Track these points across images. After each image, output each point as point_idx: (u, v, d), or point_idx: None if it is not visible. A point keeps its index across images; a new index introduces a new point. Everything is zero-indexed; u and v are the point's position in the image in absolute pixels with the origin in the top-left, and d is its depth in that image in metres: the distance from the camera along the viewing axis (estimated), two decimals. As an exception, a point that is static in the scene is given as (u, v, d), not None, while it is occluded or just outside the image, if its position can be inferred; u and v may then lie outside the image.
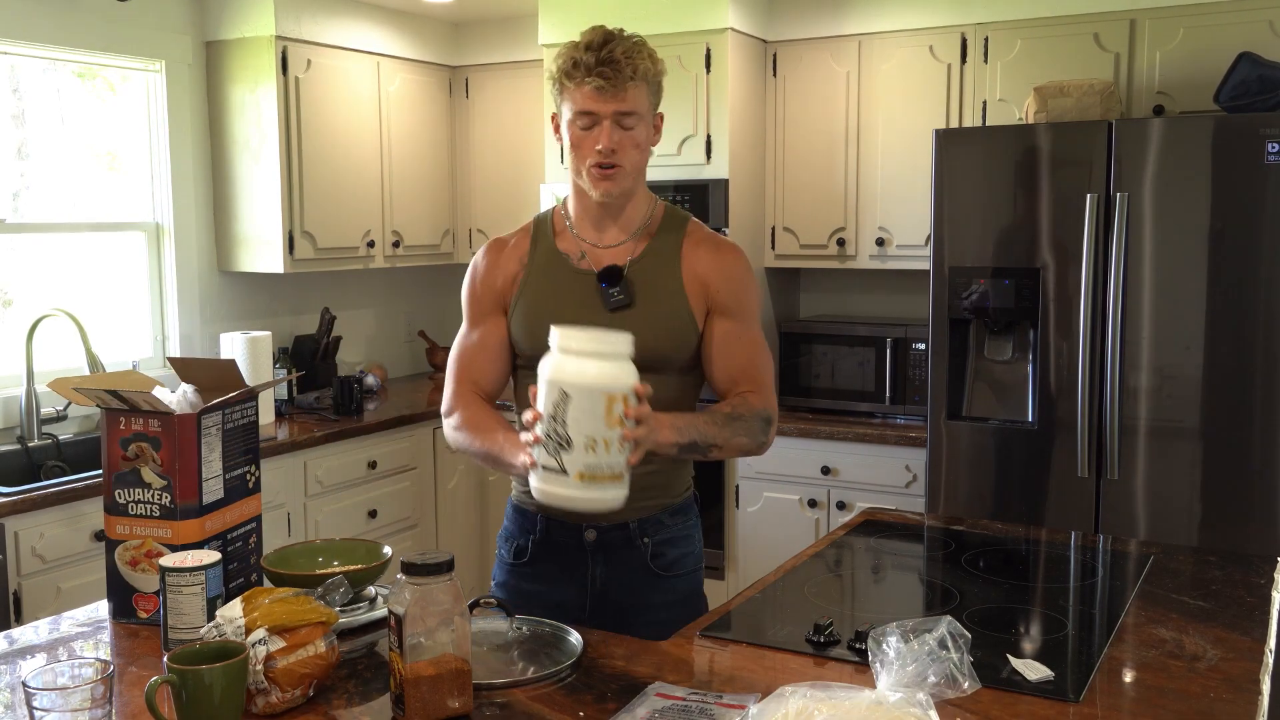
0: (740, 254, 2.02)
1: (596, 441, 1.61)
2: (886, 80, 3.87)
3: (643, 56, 1.91)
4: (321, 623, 1.52)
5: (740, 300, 1.98)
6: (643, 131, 1.91)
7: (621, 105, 1.87)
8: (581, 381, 1.61)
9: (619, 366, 1.63)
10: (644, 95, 1.90)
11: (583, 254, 1.98)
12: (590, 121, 1.88)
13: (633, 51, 1.90)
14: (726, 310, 1.97)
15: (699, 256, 1.97)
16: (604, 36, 1.93)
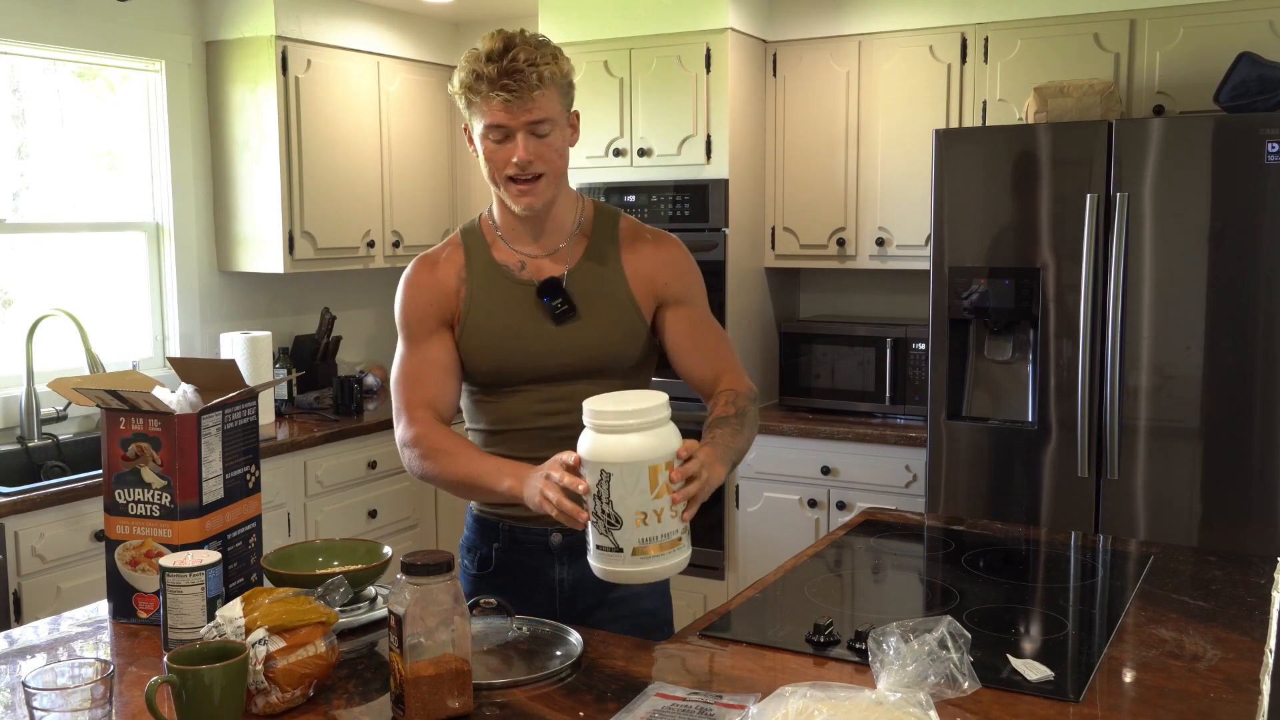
0: (678, 241, 2.00)
1: (647, 514, 1.58)
2: (886, 80, 3.87)
3: (547, 60, 1.81)
4: (321, 623, 1.52)
5: (688, 287, 1.97)
6: (558, 136, 1.85)
7: (532, 115, 1.79)
8: (619, 458, 1.57)
9: (656, 434, 1.59)
10: (555, 100, 1.83)
11: (522, 264, 1.93)
12: (502, 135, 1.81)
13: (536, 57, 1.79)
14: (678, 299, 1.95)
15: (639, 253, 1.95)
16: (504, 43, 1.81)
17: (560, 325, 1.89)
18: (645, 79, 3.97)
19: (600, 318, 1.91)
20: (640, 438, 1.58)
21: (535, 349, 1.90)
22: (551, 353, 1.90)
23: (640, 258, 1.95)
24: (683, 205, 3.91)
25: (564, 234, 1.94)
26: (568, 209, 1.95)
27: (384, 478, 4.00)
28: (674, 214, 3.93)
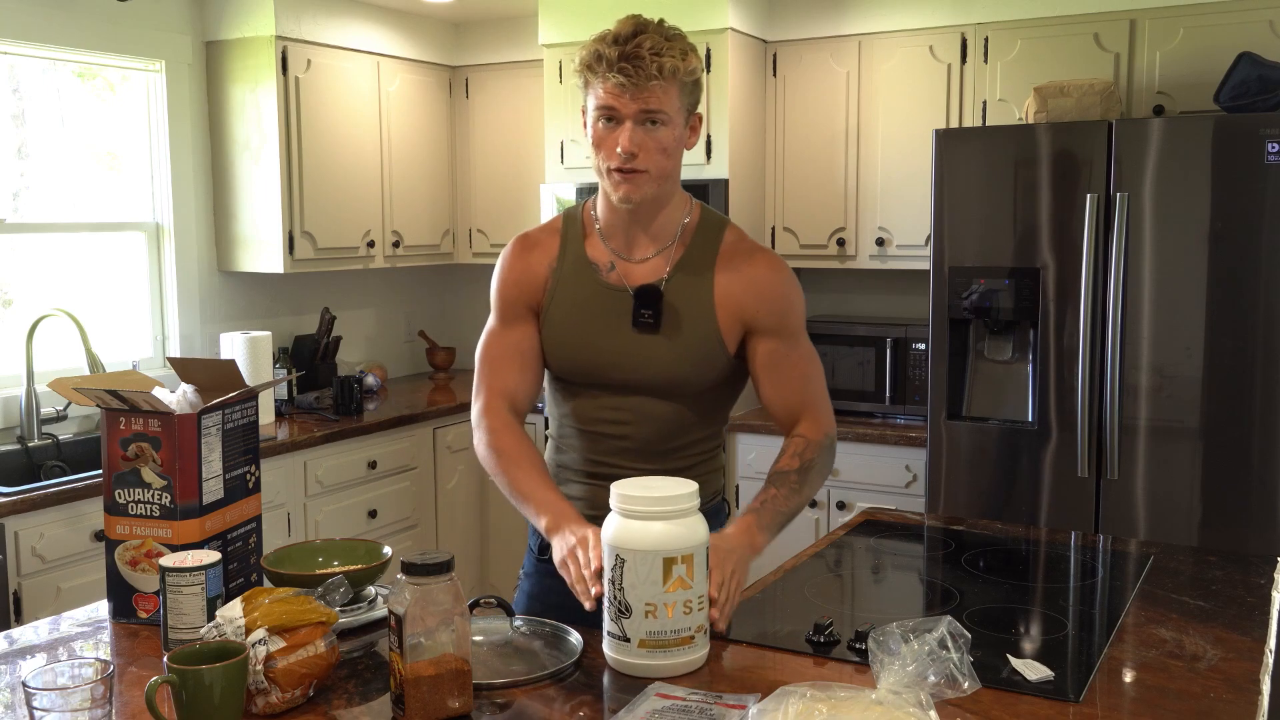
0: (778, 265, 1.89)
1: (656, 607, 1.56)
2: (886, 80, 3.87)
3: (673, 54, 1.73)
4: (321, 623, 1.52)
5: (781, 317, 1.86)
6: (669, 134, 1.77)
7: (645, 105, 1.73)
8: (634, 545, 1.56)
9: (678, 525, 1.57)
10: (673, 95, 1.76)
11: (612, 265, 1.87)
12: (610, 119, 1.76)
13: (661, 48, 1.72)
14: (768, 330, 1.85)
15: (734, 272, 1.85)
16: (633, 28, 1.74)
17: (640, 332, 1.83)
18: (645, 79, 3.96)
19: (679, 338, 1.83)
20: (662, 526, 1.56)
21: (606, 356, 1.86)
22: (621, 364, 1.86)
23: (733, 278, 1.85)
24: (683, 205, 3.91)
25: (664, 239, 1.87)
26: (674, 214, 1.88)
27: (384, 478, 4.00)
28: (674, 214, 3.93)
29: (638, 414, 1.83)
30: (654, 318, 1.82)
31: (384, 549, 1.94)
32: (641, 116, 1.75)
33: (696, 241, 1.87)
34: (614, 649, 1.60)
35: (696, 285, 1.84)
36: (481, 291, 5.22)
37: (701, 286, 1.84)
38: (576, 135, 4.10)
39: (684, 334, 1.83)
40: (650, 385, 1.86)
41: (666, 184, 1.82)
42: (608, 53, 1.74)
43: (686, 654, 1.59)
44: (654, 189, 1.80)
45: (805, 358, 1.91)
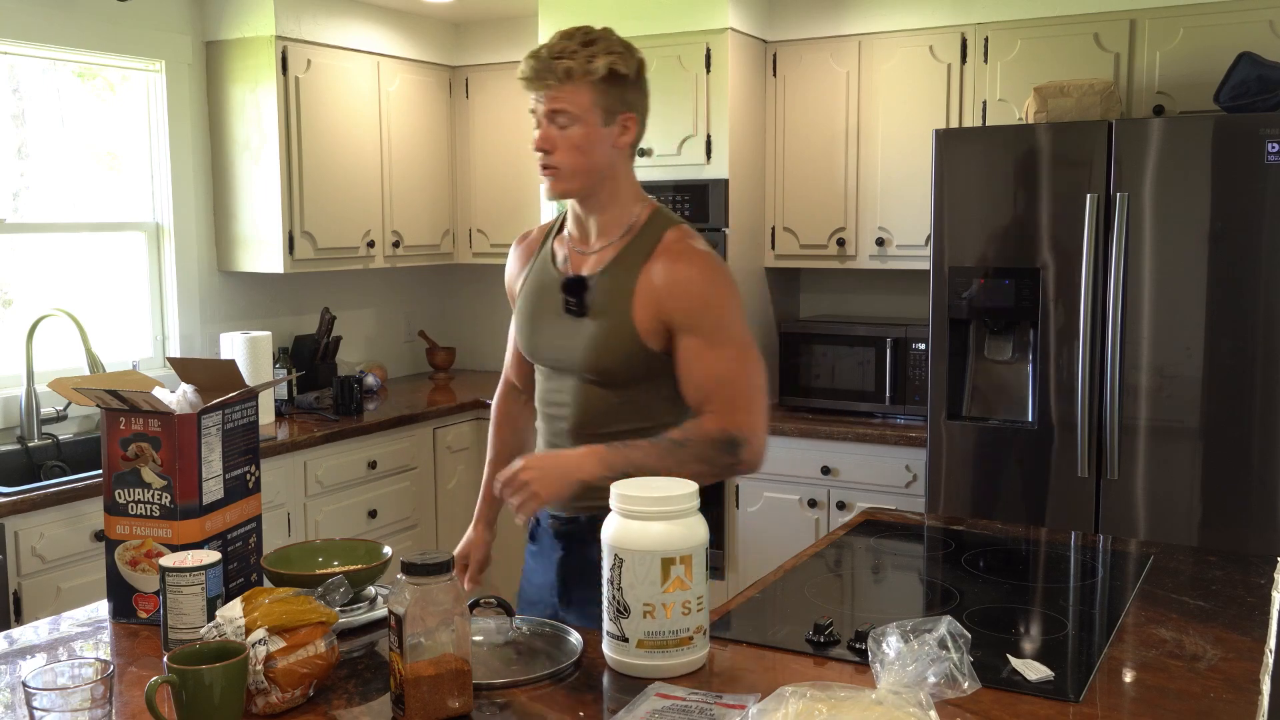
0: (703, 267, 1.91)
1: (654, 608, 1.56)
2: (886, 80, 3.87)
3: (578, 58, 1.85)
4: (321, 623, 1.52)
5: (696, 316, 1.89)
6: (579, 132, 1.88)
7: (553, 104, 1.88)
8: (632, 545, 1.56)
9: (677, 525, 1.57)
10: (583, 94, 1.87)
11: (566, 257, 2.02)
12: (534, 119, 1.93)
13: (565, 51, 1.86)
14: (684, 328, 1.90)
15: (656, 272, 1.90)
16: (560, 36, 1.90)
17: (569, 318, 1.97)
18: (645, 79, 3.97)
19: (600, 327, 1.93)
20: (660, 526, 1.56)
21: (543, 337, 2.02)
22: (553, 346, 2.01)
23: (654, 276, 1.91)
24: (683, 205, 3.91)
25: (610, 236, 1.98)
26: (622, 212, 1.98)
27: (384, 478, 4.00)
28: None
29: (573, 396, 1.97)
30: (578, 305, 1.94)
31: (384, 549, 1.94)
32: (550, 115, 1.89)
33: (637, 240, 1.96)
34: (613, 649, 1.60)
35: (622, 280, 1.93)
36: (481, 291, 5.23)
37: (626, 282, 1.92)
38: (576, 135, 4.10)
39: (605, 325, 1.93)
40: (577, 369, 1.97)
41: (592, 179, 1.93)
42: (525, 63, 1.91)
43: (686, 654, 1.59)
44: (572, 185, 1.93)
45: (723, 357, 1.90)
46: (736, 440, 1.89)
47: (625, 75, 1.90)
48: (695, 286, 1.90)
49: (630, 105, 1.93)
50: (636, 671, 1.58)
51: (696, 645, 1.60)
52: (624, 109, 1.93)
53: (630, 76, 1.92)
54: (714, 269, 1.93)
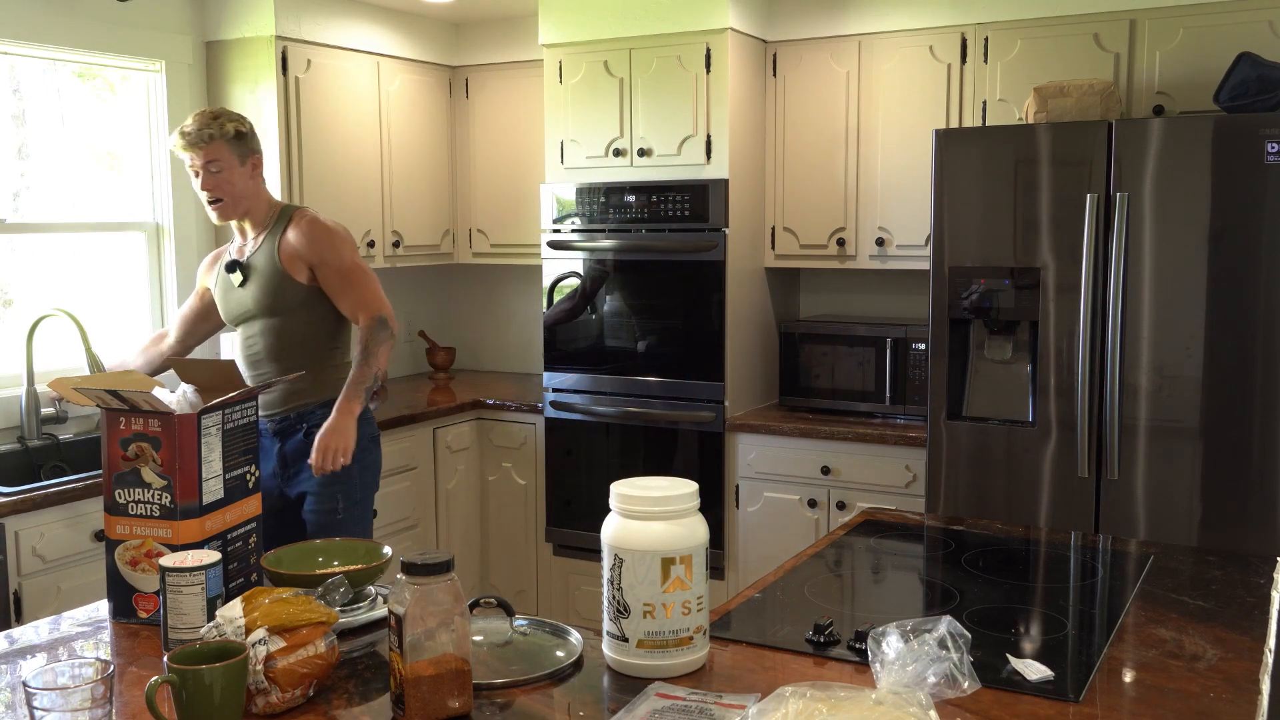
0: (315, 222, 3.00)
1: (654, 608, 1.56)
2: (886, 80, 3.87)
3: (212, 127, 2.87)
4: (321, 623, 1.52)
5: (322, 252, 2.97)
6: (230, 174, 2.90)
7: (206, 157, 2.88)
8: (632, 545, 1.56)
9: (677, 525, 1.58)
10: (223, 150, 2.88)
11: (230, 251, 3.08)
12: (195, 172, 2.91)
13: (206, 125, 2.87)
14: (320, 263, 2.96)
15: (290, 239, 2.97)
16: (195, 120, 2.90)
17: (240, 288, 3.01)
18: (645, 79, 3.97)
19: (260, 284, 2.98)
20: (660, 526, 1.56)
21: (230, 300, 3.05)
22: (236, 303, 3.03)
23: (289, 243, 2.96)
24: (683, 205, 3.91)
25: (258, 234, 3.02)
26: (259, 219, 3.02)
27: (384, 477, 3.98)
28: (674, 214, 3.93)
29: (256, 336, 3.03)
30: (242, 275, 3.00)
31: (384, 549, 1.94)
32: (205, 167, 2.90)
33: (274, 226, 3.01)
34: (613, 649, 1.60)
35: (268, 250, 2.99)
36: (482, 292, 5.24)
37: (271, 250, 2.98)
38: (577, 135, 4.10)
39: (263, 281, 2.98)
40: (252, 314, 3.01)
41: (244, 201, 2.97)
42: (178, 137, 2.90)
43: (685, 654, 1.59)
44: (237, 209, 2.97)
45: (345, 272, 2.99)
46: (382, 320, 2.98)
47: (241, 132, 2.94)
48: (314, 234, 2.97)
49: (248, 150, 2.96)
50: (636, 671, 1.58)
51: (696, 645, 1.60)
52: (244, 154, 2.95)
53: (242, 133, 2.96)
54: (320, 223, 3.01)
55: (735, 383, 3.97)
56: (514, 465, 4.37)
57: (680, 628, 1.58)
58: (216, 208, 2.93)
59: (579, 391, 4.16)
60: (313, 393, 3.03)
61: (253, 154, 2.97)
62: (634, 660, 1.58)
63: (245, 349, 3.06)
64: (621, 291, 4.07)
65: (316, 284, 2.99)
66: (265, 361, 3.04)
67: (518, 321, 5.07)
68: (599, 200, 4.05)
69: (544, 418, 4.24)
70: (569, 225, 4.13)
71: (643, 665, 1.58)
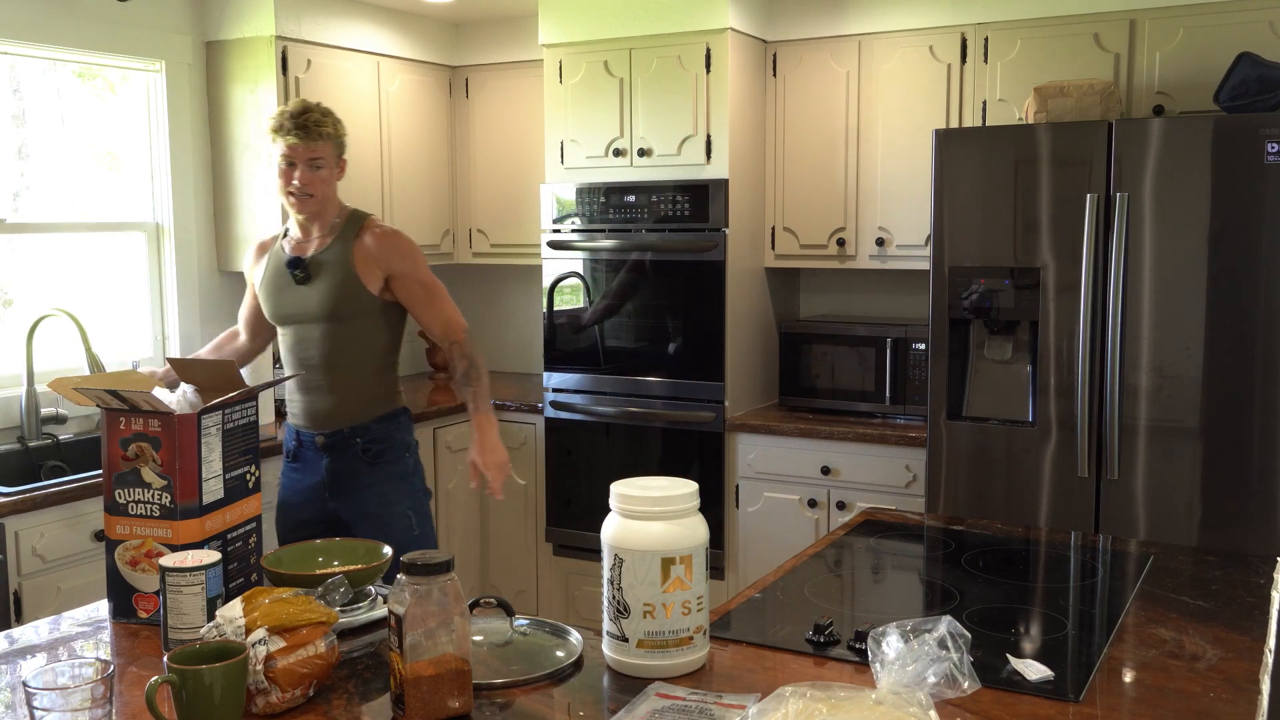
0: (397, 233, 2.87)
1: (654, 608, 1.56)
2: (886, 80, 3.87)
3: (327, 124, 2.77)
4: (321, 623, 1.52)
5: (405, 264, 2.83)
6: (327, 172, 2.77)
7: (312, 154, 2.74)
8: (632, 545, 1.56)
9: (677, 525, 1.58)
10: (329, 149, 2.77)
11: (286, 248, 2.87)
12: (289, 163, 2.75)
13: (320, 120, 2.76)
14: (401, 274, 2.82)
15: (368, 243, 2.81)
16: (302, 107, 2.76)
17: (299, 286, 2.81)
18: (645, 79, 3.97)
19: (327, 285, 2.78)
20: (660, 526, 1.56)
21: (287, 300, 2.84)
22: (294, 303, 2.82)
23: (366, 248, 2.80)
24: (683, 205, 3.91)
25: (323, 233, 2.84)
26: (329, 218, 2.85)
27: (384, 478, 3.99)
28: (674, 214, 3.93)
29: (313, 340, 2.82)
30: (304, 274, 2.80)
31: (384, 549, 1.94)
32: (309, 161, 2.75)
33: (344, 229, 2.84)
34: (613, 649, 1.60)
35: (341, 252, 2.81)
36: (482, 291, 5.23)
37: (345, 252, 2.81)
38: (577, 135, 4.10)
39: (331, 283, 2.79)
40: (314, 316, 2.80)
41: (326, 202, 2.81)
42: (285, 122, 2.74)
43: (686, 654, 1.59)
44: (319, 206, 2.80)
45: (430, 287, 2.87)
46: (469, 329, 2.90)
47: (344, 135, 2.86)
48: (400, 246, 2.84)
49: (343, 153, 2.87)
50: (636, 671, 1.58)
51: (696, 645, 1.60)
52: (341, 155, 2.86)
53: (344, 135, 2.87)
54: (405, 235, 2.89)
55: (735, 383, 3.97)
56: (514, 465, 4.37)
57: (680, 628, 1.58)
58: (303, 203, 2.78)
59: (579, 391, 4.16)
60: (367, 408, 2.86)
61: (343, 159, 2.89)
62: (634, 660, 1.58)
63: (296, 351, 2.88)
64: (621, 291, 4.07)
65: (384, 296, 2.83)
66: (319, 368, 2.85)
67: (518, 321, 5.07)
68: (599, 200, 4.05)
69: (544, 418, 4.24)
70: (569, 225, 4.13)
71: (643, 665, 1.58)
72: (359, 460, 2.84)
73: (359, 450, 2.85)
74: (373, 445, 2.84)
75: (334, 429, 2.84)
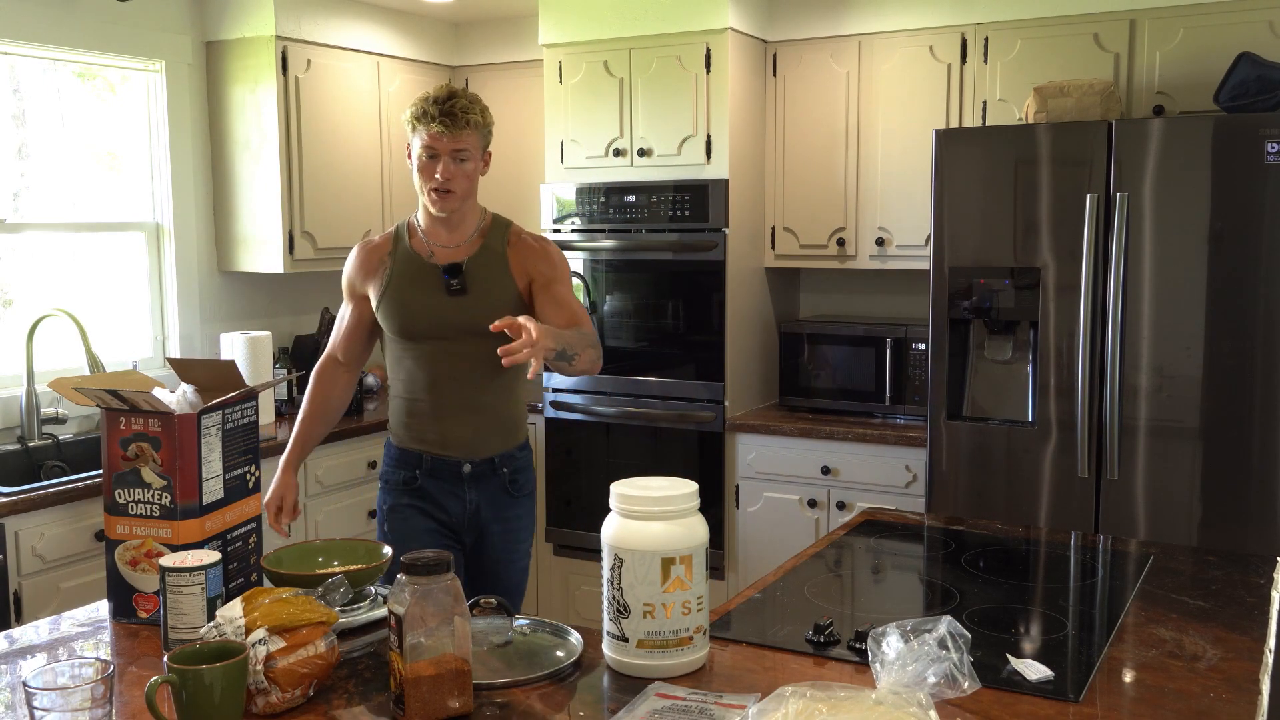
0: (551, 243, 2.58)
1: (654, 608, 1.56)
2: (886, 80, 3.87)
3: (475, 112, 2.44)
4: (321, 623, 1.52)
5: (558, 275, 2.53)
6: (472, 165, 2.46)
7: (457, 145, 2.42)
8: (632, 545, 1.57)
9: (677, 525, 1.58)
10: (475, 139, 2.45)
11: (431, 253, 2.51)
12: (432, 154, 2.42)
13: (468, 107, 2.43)
14: (549, 281, 2.51)
15: (522, 249, 2.53)
16: (449, 93, 2.43)
17: (453, 296, 2.47)
18: (645, 79, 3.97)
19: (485, 295, 2.47)
20: (660, 526, 1.57)
21: (435, 311, 2.48)
22: (450, 314, 2.47)
23: (521, 254, 2.52)
24: (683, 205, 3.91)
25: (466, 235, 2.53)
26: (471, 218, 2.54)
27: (384, 478, 3.99)
28: (674, 214, 3.93)
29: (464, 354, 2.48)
30: (461, 283, 2.48)
31: (384, 549, 1.94)
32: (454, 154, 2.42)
33: (491, 234, 2.55)
34: (613, 649, 1.60)
35: (495, 260, 2.51)
36: (481, 291, 5.22)
37: (499, 260, 2.51)
38: (577, 135, 4.10)
39: (490, 293, 2.48)
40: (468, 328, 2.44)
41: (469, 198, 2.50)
42: (430, 109, 2.41)
43: (686, 654, 1.59)
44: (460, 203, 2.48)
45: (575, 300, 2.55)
46: (598, 344, 2.43)
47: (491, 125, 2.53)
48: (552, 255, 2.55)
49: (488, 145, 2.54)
50: (636, 671, 1.58)
51: (696, 645, 1.60)
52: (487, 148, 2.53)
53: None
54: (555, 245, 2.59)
55: (735, 383, 3.97)
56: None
57: (680, 628, 1.58)
58: (446, 199, 2.45)
59: (579, 391, 4.16)
60: (514, 432, 2.59)
61: (489, 151, 2.57)
62: (634, 660, 1.58)
63: (431, 368, 2.51)
64: (621, 291, 4.07)
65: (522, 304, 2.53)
66: (469, 387, 2.52)
67: (518, 321, 5.06)
68: (599, 200, 4.05)
69: (544, 418, 4.24)
70: (569, 225, 4.13)
71: (643, 665, 1.58)
72: (504, 492, 2.55)
73: (505, 480, 2.55)
74: (517, 475, 2.58)
75: (484, 456, 2.53)
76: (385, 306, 2.51)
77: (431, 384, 2.51)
